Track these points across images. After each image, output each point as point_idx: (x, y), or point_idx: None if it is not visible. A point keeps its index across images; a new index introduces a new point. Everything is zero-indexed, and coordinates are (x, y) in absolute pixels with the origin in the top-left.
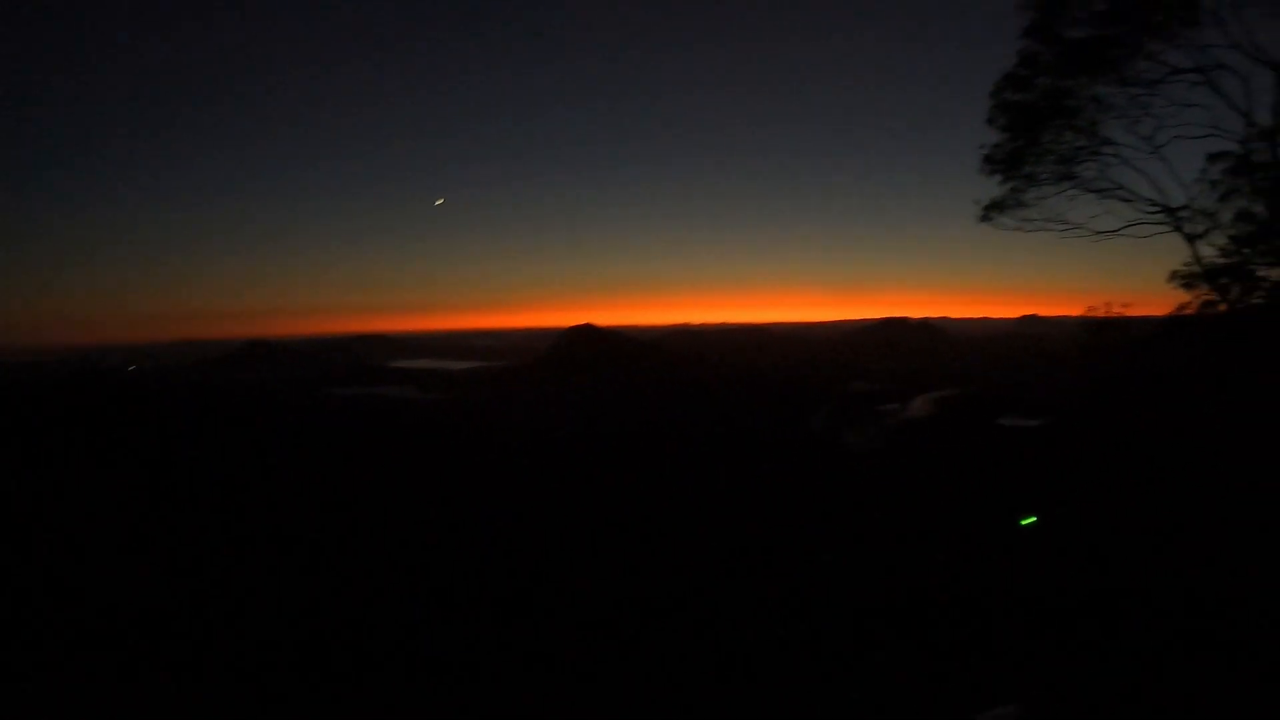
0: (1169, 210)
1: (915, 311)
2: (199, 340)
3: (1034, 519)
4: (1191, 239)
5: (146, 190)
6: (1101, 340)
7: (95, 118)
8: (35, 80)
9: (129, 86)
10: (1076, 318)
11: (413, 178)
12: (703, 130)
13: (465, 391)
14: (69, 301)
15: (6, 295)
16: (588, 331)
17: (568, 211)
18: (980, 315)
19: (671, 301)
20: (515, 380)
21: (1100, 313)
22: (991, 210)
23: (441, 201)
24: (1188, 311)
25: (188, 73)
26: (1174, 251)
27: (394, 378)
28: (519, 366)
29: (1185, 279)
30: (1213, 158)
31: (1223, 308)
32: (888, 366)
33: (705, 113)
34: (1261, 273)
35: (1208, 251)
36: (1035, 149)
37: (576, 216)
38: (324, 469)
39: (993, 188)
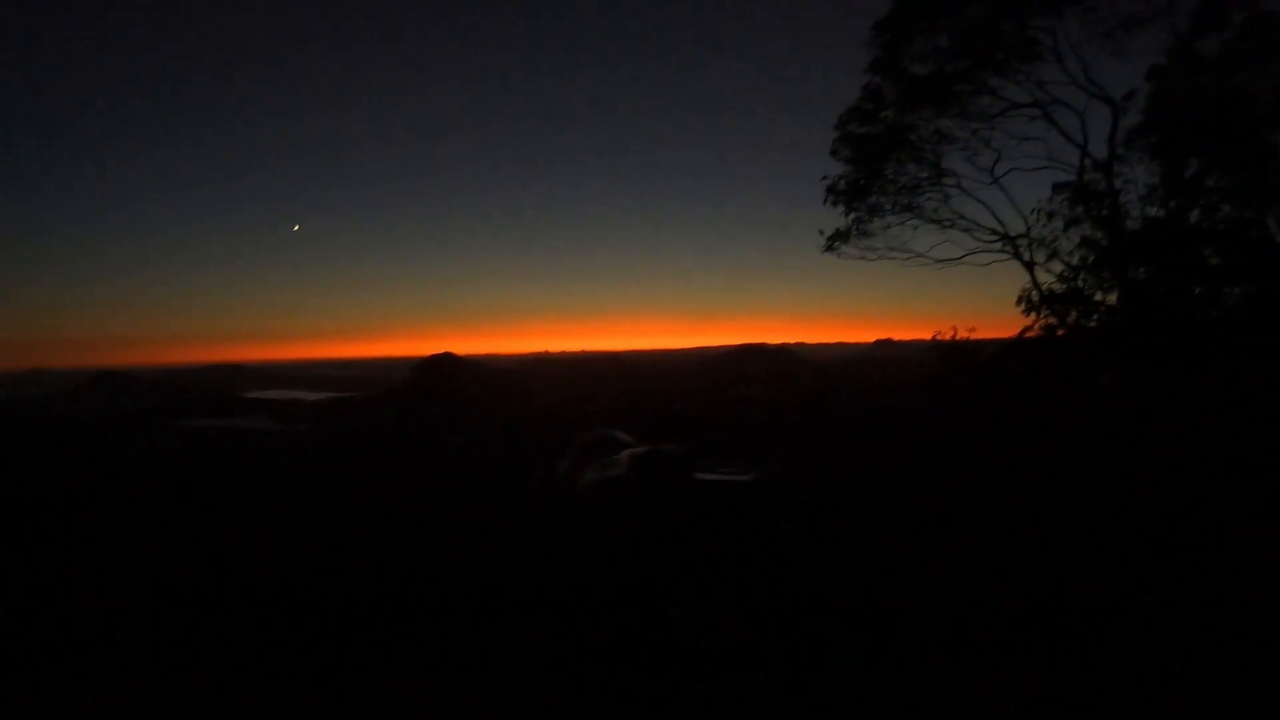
0: (1008, 239)
1: (773, 337)
2: (50, 369)
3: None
4: (1030, 266)
5: None
6: (948, 363)
7: None
8: None
9: None
10: (927, 341)
11: (270, 204)
12: (560, 159)
13: (320, 422)
14: None
15: None
16: (445, 360)
17: (426, 239)
18: (836, 340)
19: (531, 330)
20: (371, 410)
21: (947, 336)
22: (835, 240)
23: (298, 228)
24: (1030, 334)
25: (27, 100)
26: (1017, 277)
27: (249, 408)
28: (375, 396)
29: (1026, 304)
30: (1057, 188)
31: (1061, 332)
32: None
33: (561, 143)
34: (1098, 297)
35: (1046, 278)
36: (879, 180)
37: (435, 245)
38: (170, 501)
39: (836, 218)
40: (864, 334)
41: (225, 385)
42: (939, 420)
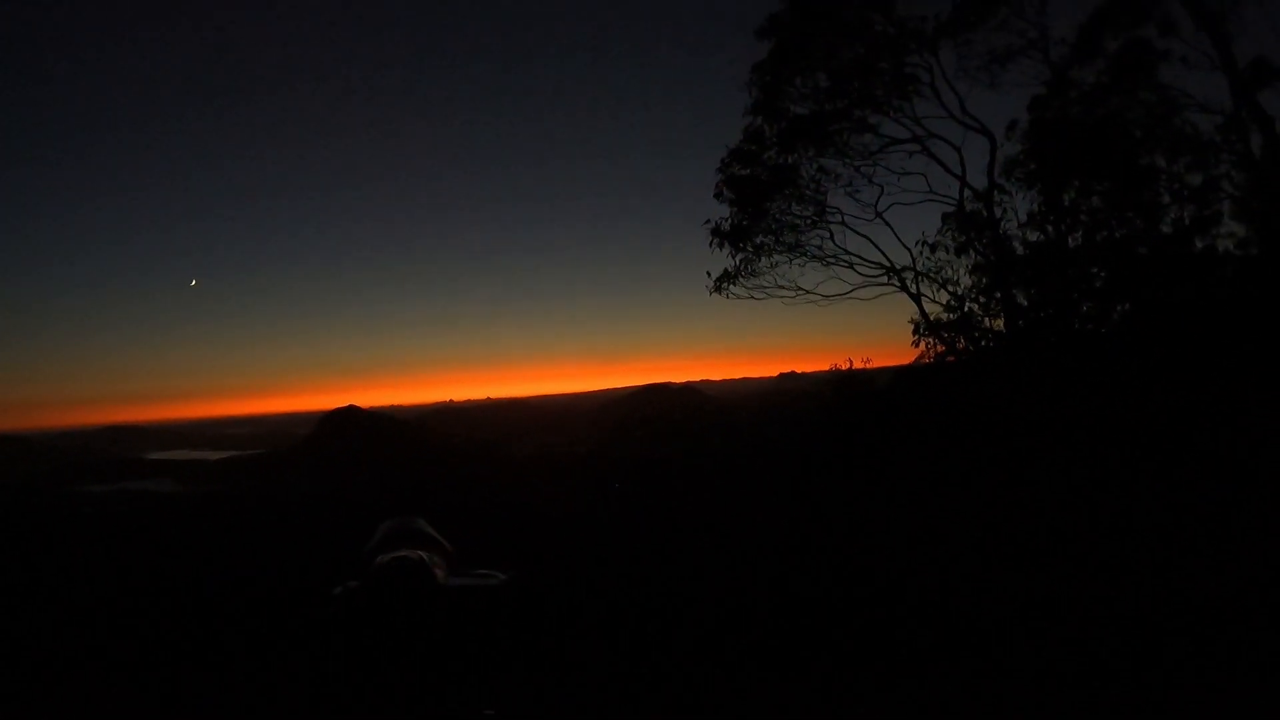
0: (894, 271)
1: (678, 376)
2: None
3: None
4: (916, 297)
5: None
6: (842, 392)
7: None
8: None
9: None
10: (826, 372)
11: (164, 261)
12: (452, 207)
13: (224, 483)
14: None
15: None
16: (349, 413)
17: (325, 291)
18: (741, 375)
19: (434, 379)
20: (275, 467)
21: (843, 367)
22: (723, 281)
23: (196, 283)
24: (924, 361)
25: None
26: (910, 308)
27: (150, 470)
28: (279, 453)
29: (917, 332)
30: (945, 218)
31: (951, 359)
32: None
33: (452, 191)
34: (986, 323)
35: (934, 308)
36: (763, 220)
37: (335, 296)
38: (77, 571)
39: (723, 259)
40: (768, 368)
41: (125, 447)
42: (829, 449)
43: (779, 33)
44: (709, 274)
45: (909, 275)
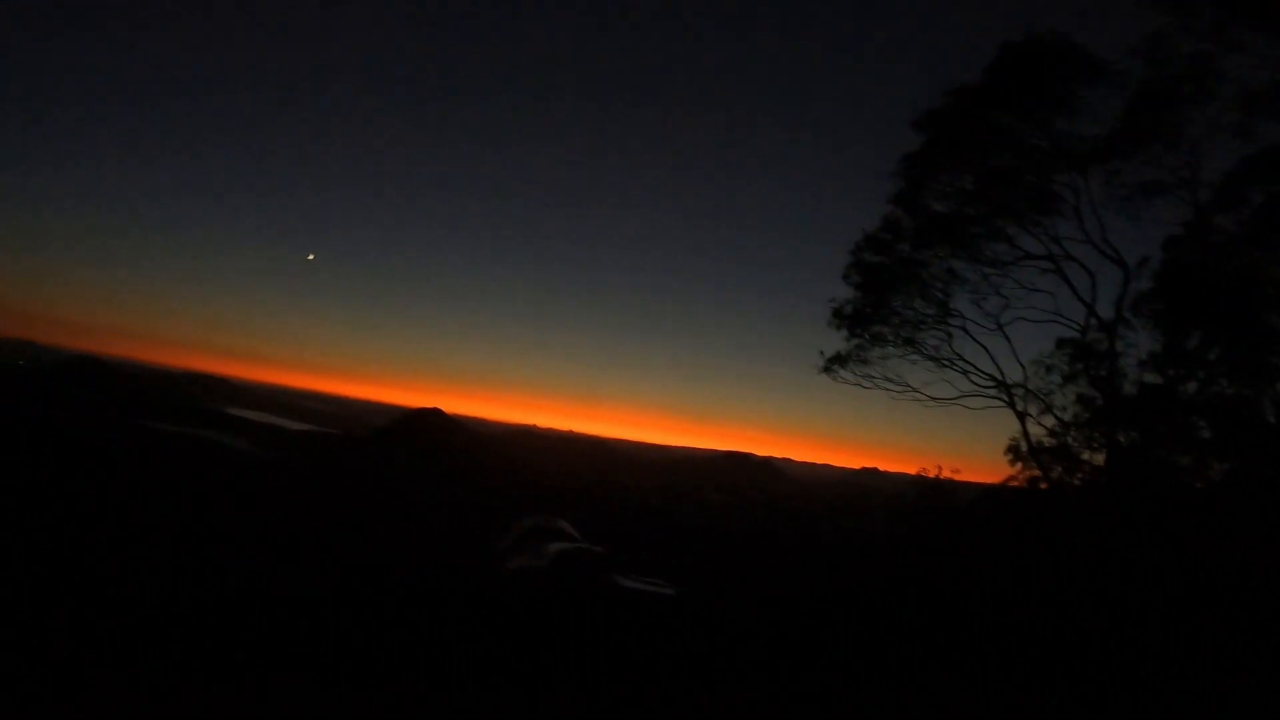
0: (1004, 386)
1: (759, 449)
2: (34, 342)
3: None
4: (1022, 416)
5: (12, 181)
6: (925, 500)
7: None
8: None
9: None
10: (911, 475)
11: (290, 228)
12: (575, 242)
13: (297, 452)
14: None
15: None
16: (433, 415)
17: (427, 292)
18: (823, 461)
19: (519, 401)
20: (353, 450)
21: (931, 474)
22: (834, 363)
23: (313, 258)
24: (1014, 484)
25: (59, 65)
26: (1009, 423)
27: (226, 424)
28: (358, 437)
29: (1015, 454)
30: (1061, 343)
31: (1044, 485)
32: (721, 499)
33: (578, 227)
34: (1085, 455)
35: (1037, 430)
36: (884, 311)
37: (436, 298)
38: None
39: (839, 341)
40: (851, 459)
41: (204, 395)
42: (910, 557)
43: (933, 127)
44: (821, 353)
45: (1019, 393)
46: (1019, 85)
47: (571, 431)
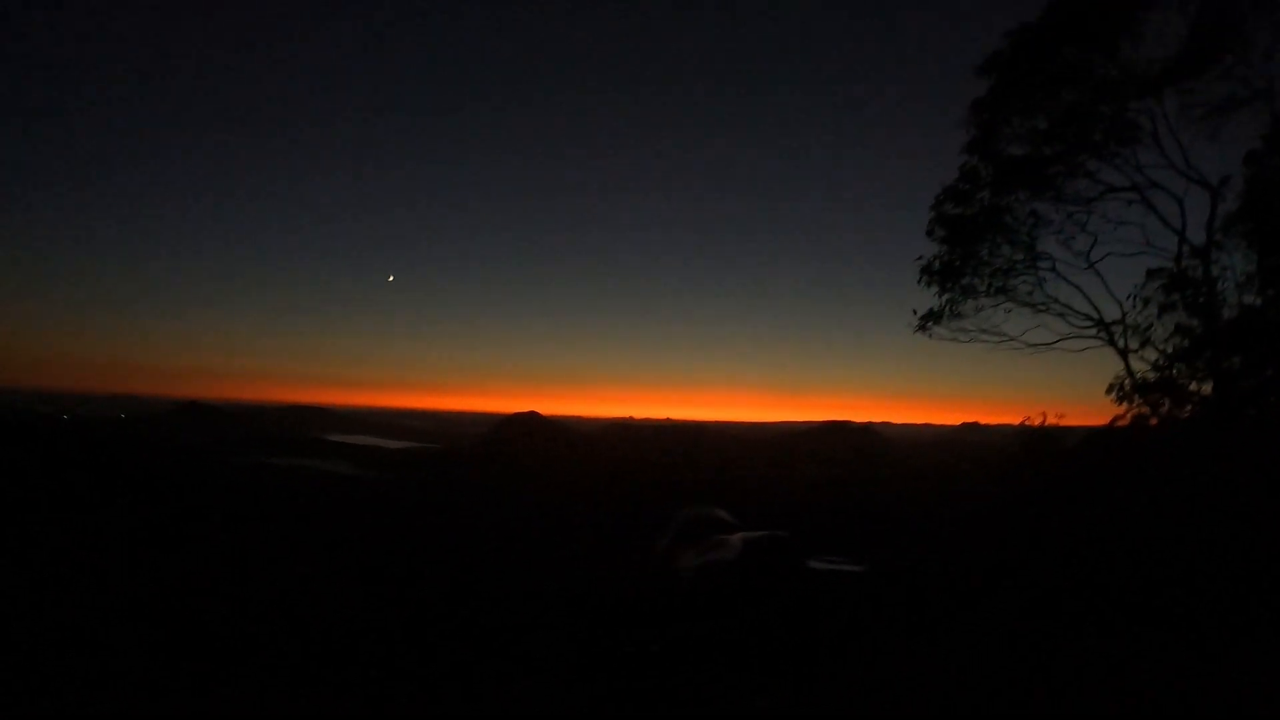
0: (1103, 324)
1: (857, 415)
2: (135, 395)
3: None
4: (1124, 353)
5: (92, 237)
6: (1032, 449)
7: (44, 157)
8: None
9: (84, 128)
10: (1015, 426)
11: (364, 254)
12: (653, 230)
13: (401, 470)
14: (3, 342)
15: None
16: (530, 419)
17: (511, 298)
18: (922, 421)
19: (612, 395)
20: (453, 461)
21: (1036, 422)
22: (928, 320)
23: (393, 279)
24: (1121, 424)
25: (139, 120)
26: (1109, 364)
27: (329, 451)
28: (457, 448)
29: (1119, 392)
30: (1151, 274)
31: (1154, 421)
32: (824, 472)
33: (655, 214)
34: (1192, 387)
35: (1140, 366)
36: (972, 262)
37: (519, 304)
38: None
39: (929, 298)
40: (950, 416)
41: (307, 426)
42: (1022, 508)
43: (999, 71)
44: (914, 311)
45: (1118, 330)
46: (1079, 16)
47: (668, 419)
